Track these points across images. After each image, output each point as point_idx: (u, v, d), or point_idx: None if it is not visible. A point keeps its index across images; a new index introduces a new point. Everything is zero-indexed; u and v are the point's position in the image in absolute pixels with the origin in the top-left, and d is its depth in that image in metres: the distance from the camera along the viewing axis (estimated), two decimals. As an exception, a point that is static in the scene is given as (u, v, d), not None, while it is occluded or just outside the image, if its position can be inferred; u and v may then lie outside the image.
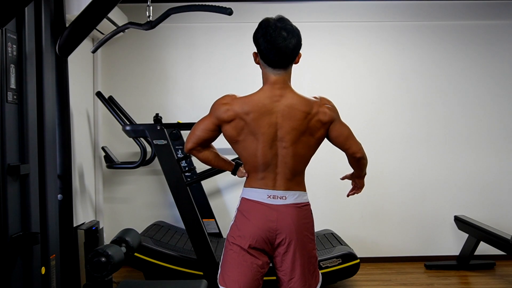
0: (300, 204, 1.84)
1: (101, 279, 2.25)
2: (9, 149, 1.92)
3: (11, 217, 1.92)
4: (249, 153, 1.81)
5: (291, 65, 1.83)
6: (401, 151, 4.16)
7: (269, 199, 1.81)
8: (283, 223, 1.80)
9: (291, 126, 1.77)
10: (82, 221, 3.44)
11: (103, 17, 2.32)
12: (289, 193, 1.83)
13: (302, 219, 1.84)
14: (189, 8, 2.55)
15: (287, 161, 1.80)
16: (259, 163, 1.81)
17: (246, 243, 1.81)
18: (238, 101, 1.80)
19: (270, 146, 1.78)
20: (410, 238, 4.14)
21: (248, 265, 1.81)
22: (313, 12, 4.10)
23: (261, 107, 1.77)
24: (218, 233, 3.89)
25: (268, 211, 1.80)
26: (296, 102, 1.79)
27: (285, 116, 1.77)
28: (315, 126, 1.81)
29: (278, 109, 1.77)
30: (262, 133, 1.77)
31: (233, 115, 1.78)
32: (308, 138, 1.81)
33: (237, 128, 1.78)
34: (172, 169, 3.27)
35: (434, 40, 4.16)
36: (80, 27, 2.26)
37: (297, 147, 1.79)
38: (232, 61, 4.11)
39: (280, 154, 1.79)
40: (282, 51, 1.75)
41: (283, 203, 1.81)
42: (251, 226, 1.81)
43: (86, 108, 3.87)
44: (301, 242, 1.82)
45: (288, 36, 1.79)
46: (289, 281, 1.83)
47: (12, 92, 1.95)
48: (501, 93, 4.19)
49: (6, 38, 1.90)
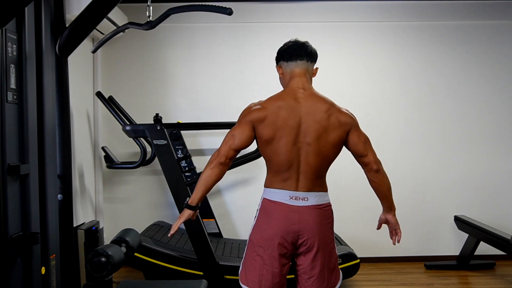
0: (322, 205, 1.87)
1: (101, 279, 2.24)
2: (9, 149, 1.92)
3: (11, 217, 1.92)
4: (275, 150, 1.83)
5: (312, 63, 1.94)
6: (401, 151, 4.16)
7: (291, 200, 1.83)
8: (305, 225, 1.82)
9: (314, 120, 1.81)
10: (82, 221, 3.44)
11: (103, 17, 2.31)
12: (311, 194, 1.85)
13: (324, 220, 1.87)
14: (189, 8, 2.55)
15: (310, 160, 1.82)
16: (283, 161, 1.83)
17: (271, 248, 1.83)
18: (267, 101, 1.88)
19: (294, 142, 1.81)
20: (410, 238, 4.13)
21: (272, 269, 1.84)
22: (312, 12, 4.09)
23: (288, 102, 1.84)
24: (218, 233, 3.88)
25: (290, 213, 1.83)
26: (317, 98, 1.87)
27: (309, 111, 1.82)
28: (334, 124, 1.83)
29: (302, 104, 1.83)
30: (290, 127, 1.81)
31: (267, 112, 1.83)
32: (329, 135, 1.83)
33: (271, 125, 1.81)
34: (172, 169, 3.27)
35: (433, 40, 4.16)
36: (80, 27, 2.26)
37: (319, 144, 1.82)
38: (232, 61, 4.11)
39: (304, 151, 1.82)
40: (303, 46, 1.95)
41: (305, 205, 1.83)
42: (273, 227, 1.83)
43: (86, 108, 3.87)
44: (323, 243, 1.86)
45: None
46: (308, 279, 1.87)
47: (12, 92, 1.95)
48: (501, 93, 4.19)
49: (6, 38, 1.90)
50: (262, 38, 4.07)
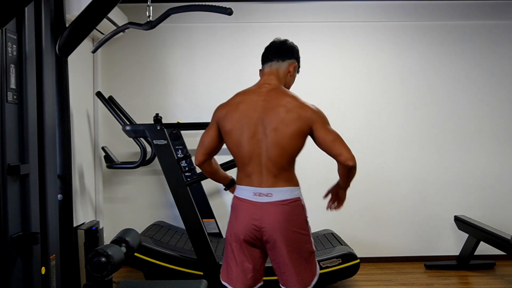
0: (288, 201, 1.85)
1: (101, 279, 2.24)
2: (9, 149, 1.92)
3: (11, 217, 1.92)
4: (236, 143, 1.88)
5: (284, 61, 1.99)
6: (400, 151, 4.15)
7: (254, 196, 1.86)
8: (267, 222, 1.83)
9: (273, 112, 1.84)
10: (82, 221, 3.44)
11: (103, 17, 2.31)
12: (275, 190, 1.84)
13: (290, 216, 1.84)
14: (189, 8, 2.55)
15: (270, 152, 1.83)
16: (244, 153, 1.86)
17: (239, 244, 1.89)
18: (232, 97, 1.95)
19: (253, 134, 1.84)
20: (410, 238, 4.13)
21: (242, 265, 1.89)
22: (312, 12, 4.10)
23: (249, 96, 1.91)
24: (218, 233, 3.88)
25: (253, 209, 1.85)
26: (279, 92, 1.91)
27: (269, 104, 1.86)
28: (292, 116, 1.82)
29: (263, 98, 1.88)
30: (248, 118, 1.85)
31: (228, 108, 1.91)
32: (288, 127, 1.82)
33: (231, 118, 1.89)
34: (172, 169, 3.27)
35: (432, 40, 4.16)
36: (80, 27, 2.25)
37: (277, 136, 1.82)
38: (232, 61, 4.11)
39: (264, 144, 1.83)
40: (274, 47, 2.03)
41: (268, 201, 1.84)
42: (239, 224, 1.88)
43: (86, 108, 3.87)
44: (289, 239, 1.84)
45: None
46: (282, 274, 1.89)
47: (12, 92, 1.95)
48: (501, 93, 4.19)
49: (6, 38, 1.90)
50: (262, 38, 4.01)
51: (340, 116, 3.91)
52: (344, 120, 3.95)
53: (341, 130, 1.90)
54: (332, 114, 4.19)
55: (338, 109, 4.06)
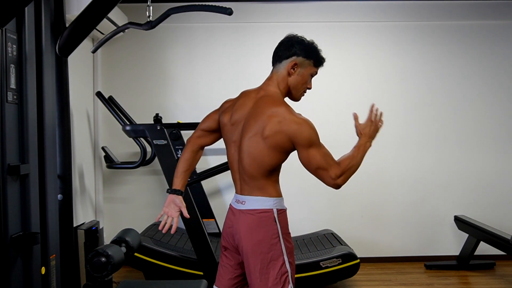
0: (258, 211, 1.75)
1: (101, 279, 2.24)
2: (9, 149, 1.92)
3: (11, 217, 1.91)
4: (225, 140, 1.89)
5: (281, 62, 1.88)
6: (400, 151, 4.16)
7: (235, 203, 1.85)
8: (236, 229, 1.80)
9: (254, 119, 1.75)
10: (82, 221, 3.44)
11: (103, 17, 2.31)
12: (250, 198, 1.78)
13: (259, 227, 1.73)
14: (189, 8, 2.55)
15: (242, 159, 1.77)
16: (228, 157, 1.87)
17: (222, 245, 1.91)
18: (238, 96, 1.92)
19: (235, 138, 1.82)
20: (410, 238, 4.14)
21: (224, 264, 1.89)
22: (312, 12, 4.10)
23: (243, 100, 1.86)
24: (218, 233, 3.88)
25: (231, 215, 1.86)
26: (268, 99, 1.79)
27: (254, 111, 1.78)
28: (273, 128, 1.69)
29: (251, 103, 1.82)
30: (235, 122, 1.83)
31: (227, 104, 1.92)
32: (266, 138, 1.70)
33: (225, 116, 1.89)
34: (172, 169, 3.26)
35: (432, 40, 4.16)
36: (80, 27, 2.25)
37: (251, 145, 1.73)
38: (232, 61, 4.11)
39: (241, 150, 1.78)
40: (274, 52, 1.92)
41: (241, 208, 1.80)
42: (223, 229, 1.91)
43: (86, 108, 3.87)
44: (255, 251, 1.73)
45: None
46: (250, 285, 1.80)
47: (12, 92, 1.95)
48: (501, 93, 4.19)
49: (6, 38, 1.90)
50: (262, 38, 4.06)
51: (340, 116, 3.91)
52: (344, 120, 3.94)
53: (341, 130, 1.91)
54: (332, 114, 4.22)
55: (338, 109, 4.06)
